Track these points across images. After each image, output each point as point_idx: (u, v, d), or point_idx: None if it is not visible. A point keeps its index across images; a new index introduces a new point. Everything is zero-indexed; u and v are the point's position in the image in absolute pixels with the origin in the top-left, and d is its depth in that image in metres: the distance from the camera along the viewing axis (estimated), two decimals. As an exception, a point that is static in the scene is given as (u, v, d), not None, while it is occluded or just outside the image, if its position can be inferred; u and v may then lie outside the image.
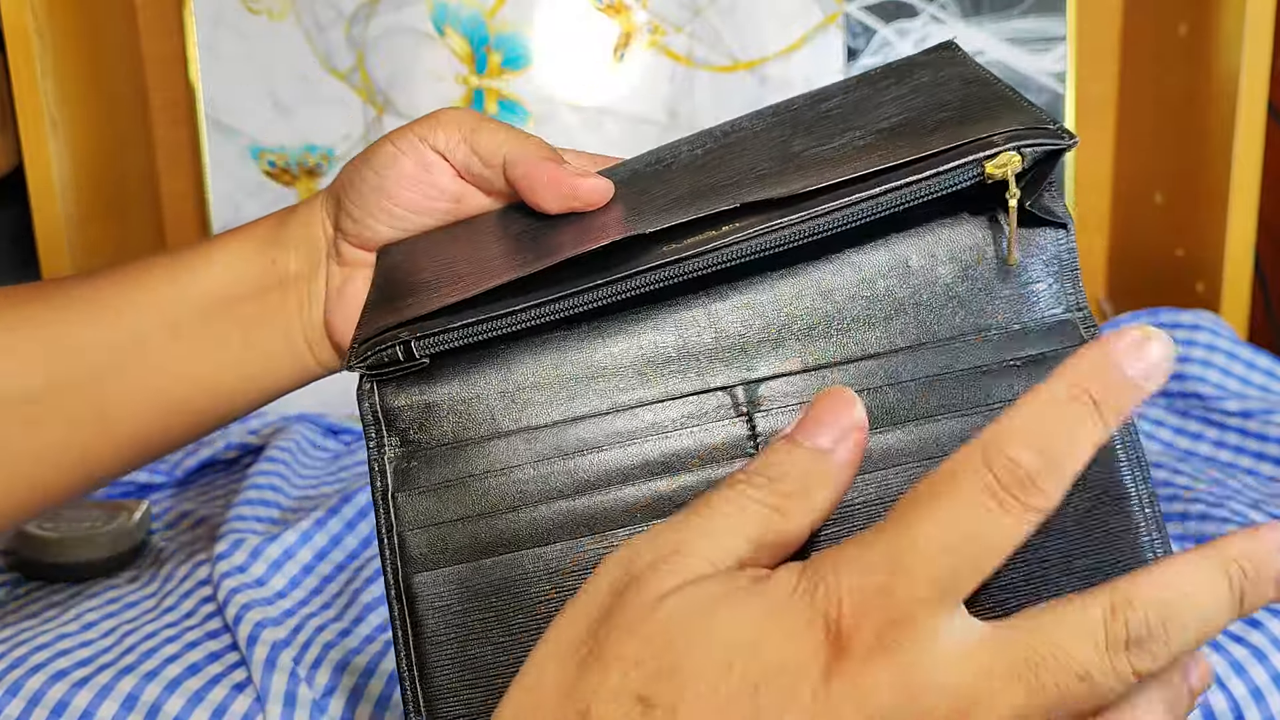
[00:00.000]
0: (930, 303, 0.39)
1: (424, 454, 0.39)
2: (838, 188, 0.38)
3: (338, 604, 0.61)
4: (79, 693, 0.52)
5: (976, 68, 0.43)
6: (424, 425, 0.39)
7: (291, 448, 0.79)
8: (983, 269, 0.40)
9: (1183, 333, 0.84)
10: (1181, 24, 0.92)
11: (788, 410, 0.38)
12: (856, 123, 0.42)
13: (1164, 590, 0.29)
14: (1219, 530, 0.65)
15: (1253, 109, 0.86)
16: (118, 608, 0.61)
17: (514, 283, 0.39)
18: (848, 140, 0.41)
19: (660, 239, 0.39)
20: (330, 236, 0.50)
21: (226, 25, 0.95)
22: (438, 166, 0.48)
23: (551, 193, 0.45)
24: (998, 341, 0.39)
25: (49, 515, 0.66)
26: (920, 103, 0.42)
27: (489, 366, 0.39)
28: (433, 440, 0.39)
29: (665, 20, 0.96)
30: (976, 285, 0.40)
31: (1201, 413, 0.79)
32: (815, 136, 0.42)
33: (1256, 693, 0.53)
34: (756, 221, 0.38)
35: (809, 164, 0.40)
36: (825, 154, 0.41)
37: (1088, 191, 1.04)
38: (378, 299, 0.43)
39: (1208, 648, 0.54)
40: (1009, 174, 0.36)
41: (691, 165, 0.45)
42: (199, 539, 0.68)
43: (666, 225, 0.39)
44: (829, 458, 0.32)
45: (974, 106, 0.40)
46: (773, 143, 0.44)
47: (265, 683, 0.53)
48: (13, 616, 0.60)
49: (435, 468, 0.39)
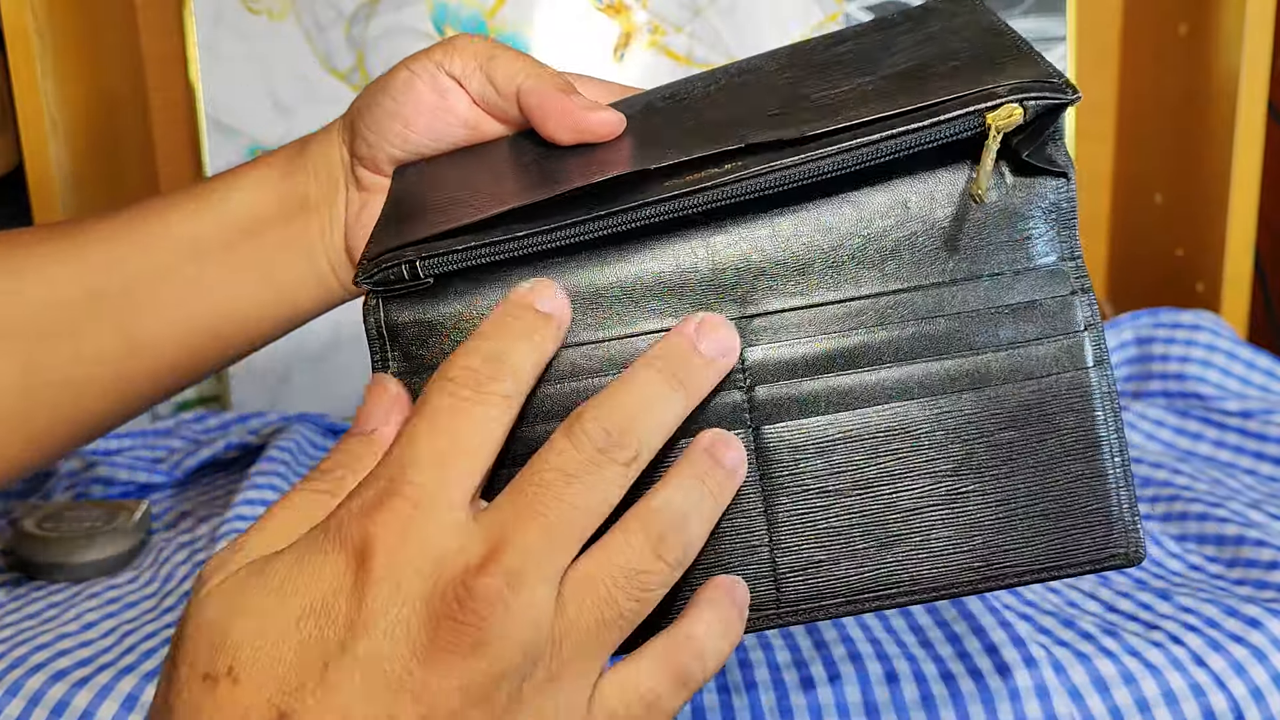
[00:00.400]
0: (925, 245, 0.40)
1: (427, 371, 0.40)
2: (840, 132, 0.38)
3: (338, 604, 0.61)
4: (79, 693, 0.52)
5: (991, 17, 0.44)
6: (427, 342, 0.40)
7: (291, 448, 0.79)
8: (979, 213, 0.40)
9: (1183, 333, 0.84)
10: (1182, 24, 0.92)
11: (779, 344, 0.39)
12: (867, 68, 0.43)
13: (616, 410, 0.35)
14: (1219, 531, 0.65)
15: (1253, 109, 0.86)
16: (118, 608, 0.61)
17: (519, 210, 0.40)
18: (855, 86, 0.42)
19: (664, 174, 0.40)
20: (347, 162, 0.51)
21: (226, 25, 0.95)
22: (453, 93, 0.48)
23: (562, 124, 0.45)
24: (989, 287, 0.40)
25: (54, 514, 0.67)
26: (931, 51, 0.42)
27: (491, 288, 0.40)
28: (435, 357, 0.40)
29: (665, 20, 0.96)
30: (972, 230, 0.40)
31: (1201, 413, 0.79)
32: (825, 79, 0.43)
33: (1256, 693, 0.53)
34: (757, 161, 0.38)
35: (816, 107, 0.41)
36: (833, 98, 0.41)
37: (1088, 191, 1.03)
38: (388, 219, 0.44)
39: (1208, 648, 0.54)
40: (1009, 126, 0.37)
41: (703, 101, 0.45)
42: (199, 539, 0.68)
43: (671, 162, 0.40)
44: (375, 438, 0.37)
45: (982, 57, 0.41)
46: (783, 84, 0.44)
47: (265, 683, 0.53)
48: (13, 616, 0.60)
49: None
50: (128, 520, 0.67)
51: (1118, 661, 0.54)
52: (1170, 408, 0.81)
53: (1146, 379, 0.84)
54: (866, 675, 0.54)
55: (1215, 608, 0.57)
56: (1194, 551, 0.65)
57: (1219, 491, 0.69)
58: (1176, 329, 0.84)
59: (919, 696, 0.53)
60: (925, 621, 0.58)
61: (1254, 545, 0.63)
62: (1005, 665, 0.54)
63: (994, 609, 0.57)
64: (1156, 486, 0.71)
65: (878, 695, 0.53)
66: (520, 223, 0.40)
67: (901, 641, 0.56)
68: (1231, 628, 0.55)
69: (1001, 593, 0.60)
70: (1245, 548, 0.63)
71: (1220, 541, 0.64)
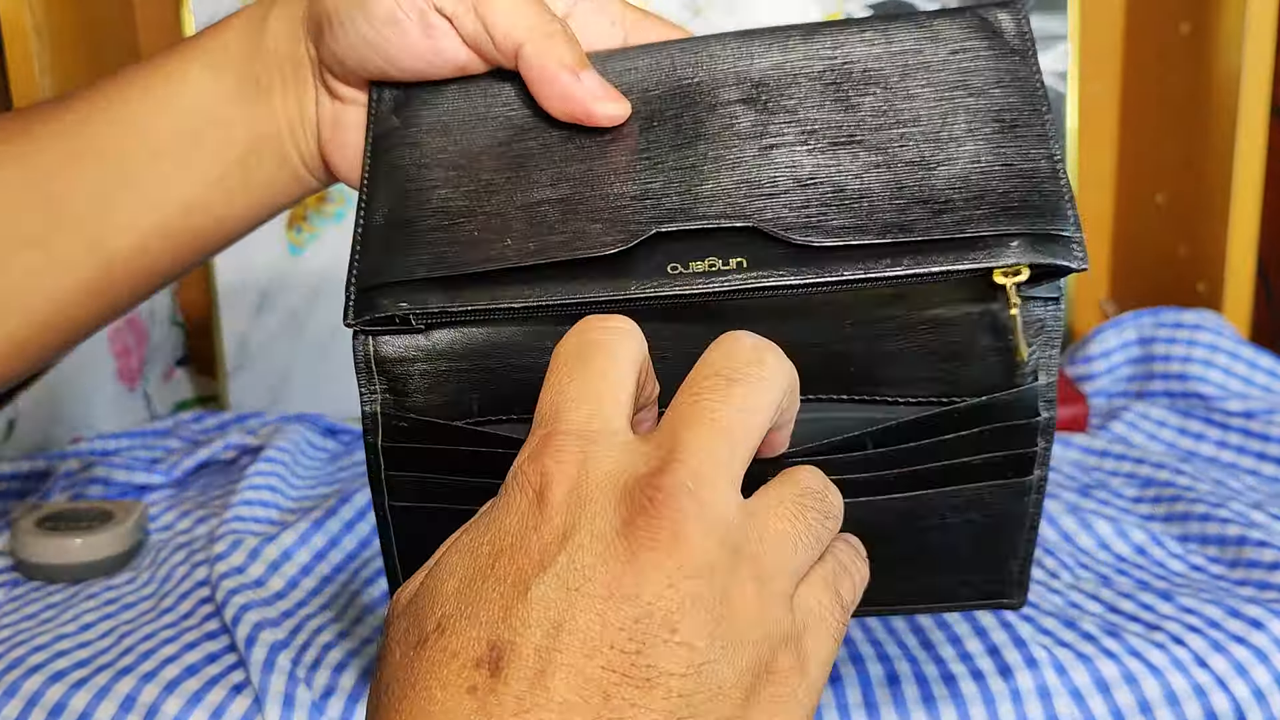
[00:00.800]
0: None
1: (412, 400, 0.41)
2: (848, 250, 0.39)
3: (336, 605, 0.61)
4: (77, 694, 0.52)
5: (1027, 79, 0.43)
6: (412, 375, 0.41)
7: (289, 448, 0.78)
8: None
9: (1185, 333, 0.84)
10: (1183, 23, 0.92)
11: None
12: (883, 132, 0.42)
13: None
14: (1221, 532, 0.64)
15: (1255, 108, 0.86)
16: (115, 609, 0.61)
17: (517, 269, 0.40)
18: (868, 167, 0.41)
19: (667, 238, 0.40)
20: (315, 64, 0.48)
21: (225, 24, 0.94)
22: (444, 34, 0.44)
23: (563, 108, 0.43)
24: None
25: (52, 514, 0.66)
26: (956, 121, 0.42)
27: (480, 328, 0.41)
28: (420, 390, 0.41)
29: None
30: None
31: (1203, 413, 0.79)
32: (836, 141, 0.43)
33: (1258, 693, 0.53)
34: (764, 262, 0.39)
35: (824, 200, 0.41)
36: (842, 185, 0.41)
37: (1090, 191, 1.03)
38: (377, 229, 0.43)
39: (1210, 649, 0.54)
40: (1010, 286, 0.39)
41: (718, 120, 0.44)
42: (197, 540, 0.68)
43: (680, 227, 0.40)
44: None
45: (1006, 175, 0.41)
46: (803, 125, 0.43)
47: (263, 684, 0.53)
48: (11, 617, 0.60)
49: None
50: (125, 521, 0.66)
51: (1120, 663, 0.54)
52: (1172, 408, 0.81)
53: (1149, 379, 0.84)
54: (868, 676, 0.54)
55: (1217, 609, 0.57)
56: (1196, 552, 0.65)
57: (1221, 492, 0.69)
58: (1179, 329, 0.84)
59: (920, 697, 0.53)
60: (927, 622, 0.58)
61: (1256, 546, 0.62)
62: (1007, 666, 0.53)
63: (995, 609, 0.57)
64: (1158, 487, 0.71)
65: (879, 696, 0.53)
66: (516, 286, 0.40)
67: (903, 643, 0.56)
68: (1234, 629, 0.55)
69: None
70: (1247, 548, 0.63)
71: (1222, 542, 0.64)
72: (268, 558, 0.63)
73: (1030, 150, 0.41)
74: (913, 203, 0.40)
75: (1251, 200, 0.87)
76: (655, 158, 0.43)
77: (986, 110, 0.42)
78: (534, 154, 0.44)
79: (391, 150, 0.45)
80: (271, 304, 0.94)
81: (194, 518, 0.71)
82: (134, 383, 0.92)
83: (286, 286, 0.94)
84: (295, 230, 0.94)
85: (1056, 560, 0.64)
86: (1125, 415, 0.80)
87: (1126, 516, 0.69)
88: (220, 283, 0.94)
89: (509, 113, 0.45)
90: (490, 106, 0.45)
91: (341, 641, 0.57)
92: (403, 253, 0.41)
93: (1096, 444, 0.77)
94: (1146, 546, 0.66)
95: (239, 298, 0.94)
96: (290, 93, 0.49)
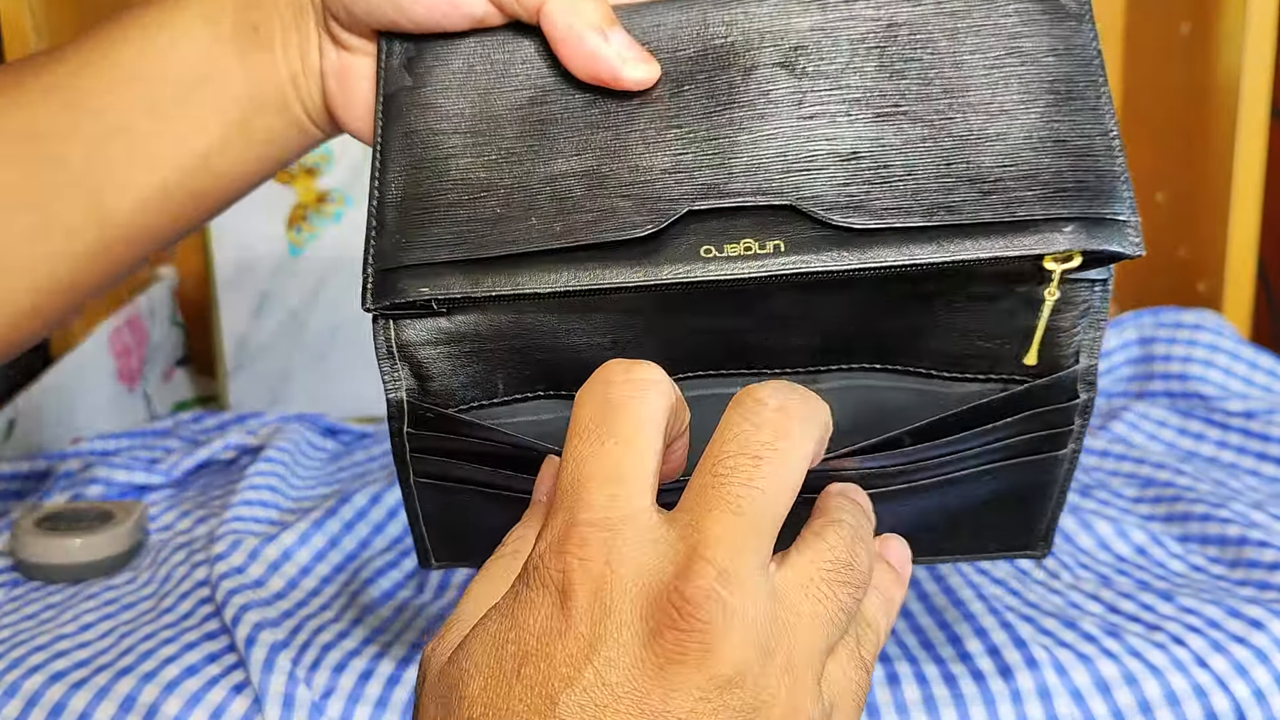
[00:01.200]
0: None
1: (436, 386, 0.41)
2: (889, 232, 0.37)
3: (336, 605, 0.61)
4: (76, 694, 0.52)
5: (1084, 47, 0.41)
6: (436, 360, 0.40)
7: (289, 448, 0.78)
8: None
9: (1185, 333, 0.84)
10: (1184, 23, 0.92)
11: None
12: (930, 101, 0.40)
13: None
14: (1221, 532, 0.64)
15: (1255, 108, 0.86)
16: (115, 609, 0.61)
17: (539, 251, 0.39)
18: (912, 139, 0.39)
19: (699, 216, 0.39)
20: (318, 7, 0.46)
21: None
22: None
23: (588, 70, 0.41)
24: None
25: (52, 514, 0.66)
26: (1008, 92, 0.40)
27: (501, 309, 0.40)
28: (445, 375, 0.41)
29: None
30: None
31: (1204, 413, 0.79)
32: (883, 106, 0.40)
33: (1259, 694, 0.53)
34: (803, 245, 0.38)
35: (868, 178, 0.39)
36: (887, 161, 0.39)
37: (1089, 191, 1.03)
38: (397, 203, 0.41)
39: (1211, 649, 0.54)
40: (1058, 272, 0.37)
41: (753, 85, 0.41)
42: (197, 540, 0.68)
43: (713, 205, 0.38)
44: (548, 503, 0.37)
45: (1059, 152, 0.39)
46: (845, 93, 0.41)
47: (263, 684, 0.53)
48: (10, 617, 0.60)
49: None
50: (125, 521, 0.66)
51: (1120, 663, 0.54)
52: (1173, 408, 0.81)
53: (1149, 379, 0.84)
54: (868, 677, 0.54)
55: (1218, 609, 0.57)
56: (1196, 552, 0.65)
57: (1221, 492, 0.69)
58: (1179, 329, 0.84)
59: (921, 698, 0.52)
60: (927, 623, 0.58)
61: (1256, 546, 0.62)
62: (1007, 667, 0.53)
63: (996, 610, 0.57)
64: (1159, 487, 0.71)
65: (879, 696, 0.53)
66: (541, 269, 0.38)
67: (903, 643, 0.56)
68: (1234, 629, 0.55)
69: (1004, 594, 0.60)
70: (1248, 549, 0.63)
71: (1223, 542, 0.64)
72: (268, 558, 0.63)
73: (1085, 126, 0.39)
74: (960, 181, 0.38)
75: (1251, 200, 0.87)
76: (686, 126, 0.40)
77: (1039, 80, 0.40)
78: (557, 119, 0.41)
79: (405, 113, 0.43)
80: (271, 304, 0.94)
81: (194, 518, 0.71)
82: (134, 383, 0.92)
83: (286, 286, 0.94)
84: (295, 230, 0.94)
85: (1057, 560, 0.64)
86: (1125, 415, 0.80)
87: (1127, 517, 0.68)
88: (220, 283, 0.94)
89: (529, 71, 0.42)
90: (509, 64, 0.43)
91: (341, 641, 0.57)
92: (422, 231, 0.40)
93: (1096, 444, 0.77)
94: (1147, 547, 0.66)
95: (239, 298, 0.94)
96: (292, 41, 0.46)
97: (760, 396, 0.33)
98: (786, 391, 0.33)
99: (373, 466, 0.79)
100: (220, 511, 0.70)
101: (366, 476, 0.76)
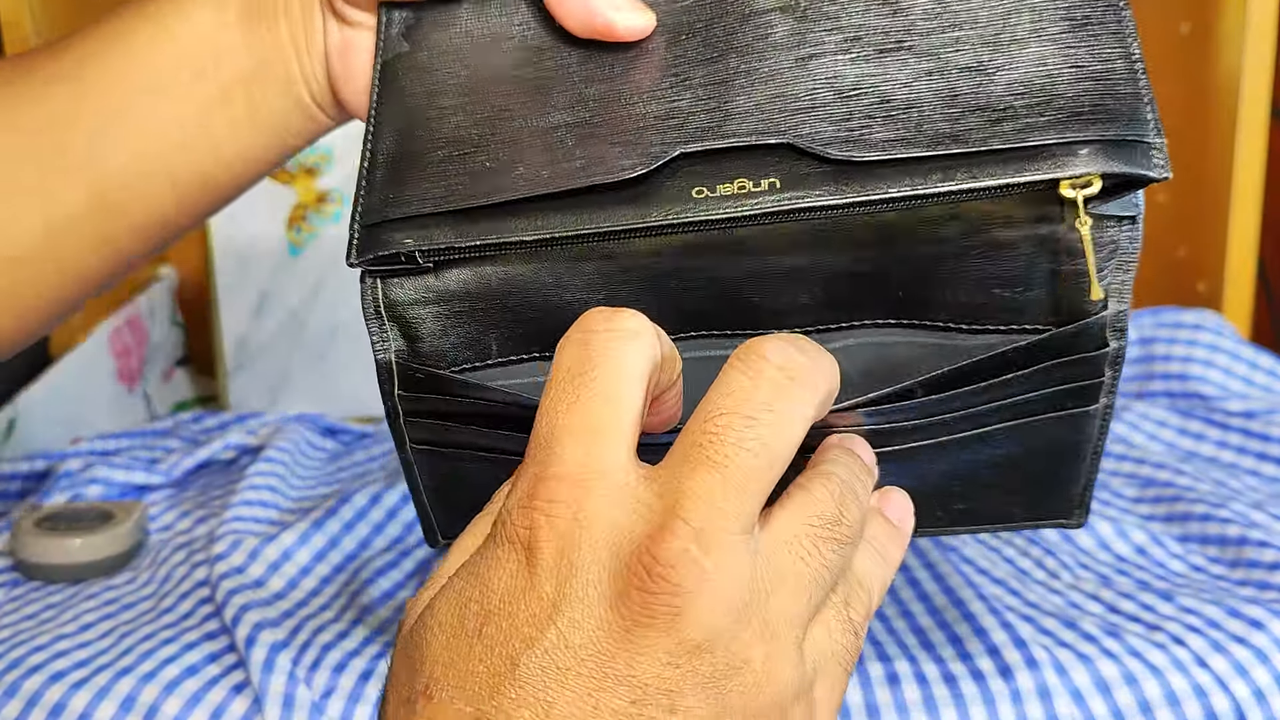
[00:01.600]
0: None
1: (425, 346, 0.39)
2: (891, 164, 0.35)
3: (336, 605, 0.61)
4: (77, 694, 0.52)
5: None
6: (425, 319, 0.39)
7: (289, 448, 0.78)
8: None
9: (1185, 333, 0.84)
10: (1183, 23, 0.92)
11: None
12: (935, 37, 0.38)
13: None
14: (1221, 532, 0.64)
15: (1255, 108, 0.86)
16: (115, 609, 0.61)
17: (528, 198, 0.38)
18: (918, 76, 0.37)
19: (692, 159, 0.37)
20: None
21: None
22: None
23: (581, 22, 0.40)
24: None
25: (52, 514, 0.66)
26: (1019, 21, 0.38)
27: (491, 265, 0.39)
28: (434, 334, 0.39)
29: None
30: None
31: (1204, 413, 0.79)
32: (884, 45, 0.39)
33: (1259, 694, 0.53)
34: (799, 182, 0.36)
35: (867, 112, 0.37)
36: (888, 94, 0.37)
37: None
38: (382, 161, 0.40)
39: (1211, 649, 0.54)
40: (1080, 200, 0.34)
41: (751, 30, 0.40)
42: (197, 540, 0.68)
43: (706, 147, 0.37)
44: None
45: (1075, 78, 0.36)
46: (846, 32, 0.39)
47: (263, 684, 0.53)
48: (10, 617, 0.60)
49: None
50: (125, 521, 0.66)
51: (1120, 663, 0.54)
52: (1173, 408, 0.81)
53: (1149, 379, 0.84)
54: (868, 676, 0.54)
55: (1218, 609, 0.57)
56: (1196, 552, 0.65)
57: (1221, 492, 0.69)
58: (1179, 329, 0.84)
59: (921, 698, 0.52)
60: (927, 623, 0.58)
61: (1256, 546, 0.62)
62: (1007, 667, 0.53)
63: (996, 610, 0.57)
64: (1159, 487, 0.71)
65: (879, 696, 0.53)
66: (528, 217, 0.37)
67: (903, 643, 0.56)
68: (1234, 629, 0.55)
69: (1004, 594, 0.60)
70: (1248, 549, 0.63)
71: (1223, 542, 0.64)
72: (268, 558, 0.63)
73: (1104, 50, 0.36)
74: (968, 111, 0.36)
75: (1251, 200, 0.87)
76: (682, 74, 0.39)
77: (1053, 7, 0.37)
78: (552, 76, 0.41)
79: (401, 77, 0.42)
80: (271, 304, 0.94)
81: (194, 518, 0.71)
82: (134, 383, 0.92)
83: (286, 286, 0.94)
84: (295, 230, 0.94)
85: (1057, 560, 0.64)
86: (1125, 415, 0.80)
87: (1127, 517, 0.68)
88: (220, 283, 0.94)
89: (526, 33, 0.42)
90: (506, 26, 0.42)
91: (341, 641, 0.57)
92: (410, 187, 0.39)
93: (1096, 444, 0.77)
94: (1147, 547, 0.66)
95: (239, 298, 0.94)
96: (296, 19, 0.46)
97: (763, 351, 0.31)
98: (793, 349, 0.31)
99: (373, 467, 0.79)
100: (220, 511, 0.70)
101: (366, 477, 0.76)
